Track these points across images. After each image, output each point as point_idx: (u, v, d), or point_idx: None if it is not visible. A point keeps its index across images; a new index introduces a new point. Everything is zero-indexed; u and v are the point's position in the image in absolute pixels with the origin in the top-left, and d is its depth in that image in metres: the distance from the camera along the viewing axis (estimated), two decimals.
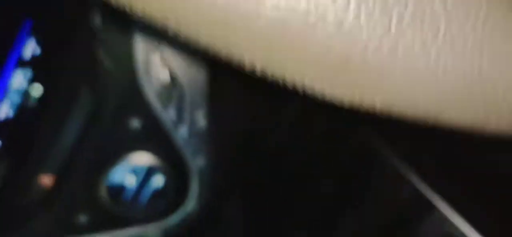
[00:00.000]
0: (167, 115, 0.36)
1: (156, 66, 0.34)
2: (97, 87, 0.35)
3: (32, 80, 0.33)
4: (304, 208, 0.50)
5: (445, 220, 0.37)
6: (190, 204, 0.42)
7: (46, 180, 0.37)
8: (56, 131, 0.36)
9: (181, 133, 0.37)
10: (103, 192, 0.39)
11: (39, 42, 0.32)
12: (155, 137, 0.38)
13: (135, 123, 0.36)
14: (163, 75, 0.35)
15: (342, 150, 0.47)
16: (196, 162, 0.40)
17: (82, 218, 0.40)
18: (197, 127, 0.38)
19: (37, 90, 0.34)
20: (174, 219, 0.42)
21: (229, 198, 0.50)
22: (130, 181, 0.39)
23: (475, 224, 0.36)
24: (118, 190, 0.39)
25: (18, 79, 0.32)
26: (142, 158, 0.38)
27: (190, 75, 0.36)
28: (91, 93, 0.35)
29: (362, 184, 0.47)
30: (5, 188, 0.37)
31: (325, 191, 0.49)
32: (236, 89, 0.39)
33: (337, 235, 0.48)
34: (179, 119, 0.37)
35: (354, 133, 0.46)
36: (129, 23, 0.32)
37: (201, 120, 0.38)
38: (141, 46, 0.34)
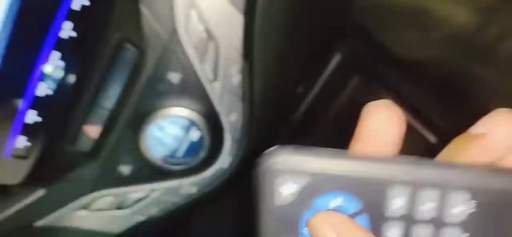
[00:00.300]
0: (203, 70, 0.38)
1: (194, 21, 0.36)
2: (139, 41, 0.37)
3: (78, 31, 0.35)
4: None
5: None
6: (223, 159, 0.44)
7: (93, 130, 0.40)
8: (101, 84, 0.39)
9: (216, 88, 0.39)
10: (143, 144, 0.41)
11: None
12: (192, 92, 0.40)
13: (174, 77, 0.39)
14: (200, 30, 0.37)
15: None
16: (230, 118, 0.41)
17: (125, 169, 0.43)
18: (231, 83, 0.40)
19: (82, 42, 0.36)
20: (208, 173, 0.44)
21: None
22: (168, 133, 0.41)
23: None
24: (157, 142, 0.42)
25: (67, 28, 0.35)
26: (180, 112, 0.40)
27: (225, 31, 0.37)
28: (134, 47, 0.37)
29: None
30: (56, 137, 0.40)
31: None
32: (269, 47, 0.40)
33: None
34: (214, 74, 0.39)
35: None
36: None
37: (235, 76, 0.40)
38: (180, 2, 0.36)
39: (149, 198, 0.44)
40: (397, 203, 0.22)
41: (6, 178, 0.41)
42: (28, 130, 0.39)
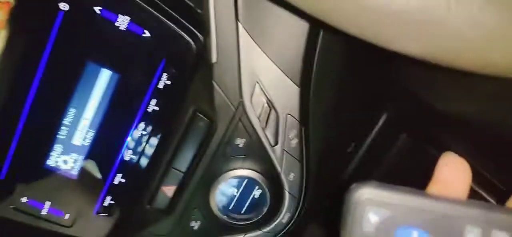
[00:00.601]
0: (265, 135, 0.43)
1: (257, 94, 0.42)
2: (211, 112, 0.43)
3: (160, 105, 0.42)
4: None
5: None
6: (283, 215, 0.48)
7: (168, 190, 0.46)
8: (176, 150, 0.44)
9: (277, 151, 0.44)
10: (212, 202, 0.46)
11: (169, 76, 0.41)
12: (256, 155, 0.45)
13: (240, 142, 0.44)
14: (263, 102, 0.42)
15: None
16: (289, 177, 0.46)
17: (195, 224, 0.48)
18: (289, 146, 0.44)
19: (163, 114, 0.43)
20: (269, 228, 0.48)
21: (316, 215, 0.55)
22: (234, 192, 0.46)
23: None
24: (224, 200, 0.47)
25: (152, 103, 0.41)
26: (245, 173, 0.45)
27: (284, 101, 0.43)
28: (206, 118, 0.43)
29: None
30: (137, 197, 0.46)
31: None
32: (322, 112, 0.45)
33: None
34: (275, 139, 0.44)
35: None
36: (238, 57, 0.40)
37: (293, 140, 0.44)
38: (245, 79, 0.41)
39: None
40: None
41: (93, 233, 0.47)
42: (113, 190, 0.45)
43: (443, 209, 0.24)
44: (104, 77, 0.40)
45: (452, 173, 0.26)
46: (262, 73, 0.41)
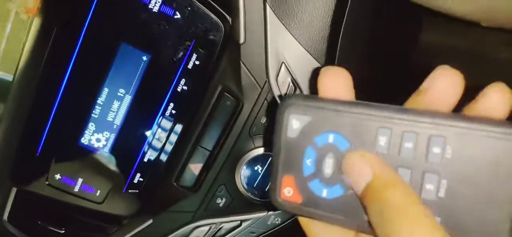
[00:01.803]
0: None
1: (283, 74, 0.43)
2: (237, 92, 0.44)
3: (189, 85, 0.43)
4: None
5: None
6: None
7: (195, 168, 0.47)
8: (203, 129, 0.46)
9: None
10: (237, 180, 0.48)
11: (198, 57, 0.42)
12: None
13: (264, 121, 0.45)
14: (288, 81, 0.43)
15: None
16: None
17: (220, 201, 0.49)
18: None
19: (191, 94, 0.44)
20: None
21: None
22: (259, 170, 0.48)
23: None
24: (249, 178, 0.48)
25: (181, 83, 0.43)
26: (269, 151, 0.47)
27: (309, 81, 0.44)
28: (233, 97, 0.44)
29: None
30: (165, 174, 0.48)
31: None
32: None
33: None
34: None
35: None
36: (266, 38, 0.42)
37: None
38: (272, 59, 0.43)
39: (241, 228, 0.50)
40: (381, 142, 0.25)
41: (123, 209, 0.49)
42: (143, 168, 0.47)
43: (358, 113, 0.26)
44: (137, 57, 0.41)
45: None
46: (287, 53, 0.43)
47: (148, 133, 0.45)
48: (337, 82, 0.28)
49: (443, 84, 0.25)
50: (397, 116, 0.25)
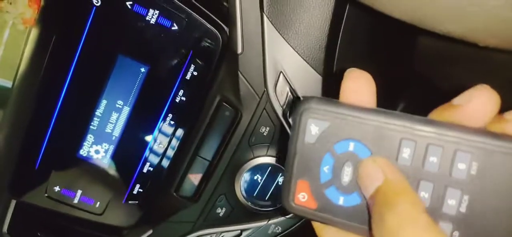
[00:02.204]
0: (289, 123, 0.45)
1: (281, 84, 0.43)
2: (236, 102, 0.44)
3: (187, 95, 0.43)
4: None
5: None
6: None
7: (195, 178, 0.47)
8: (202, 139, 0.46)
9: None
10: (237, 189, 0.48)
11: (196, 68, 0.42)
12: (279, 142, 0.46)
13: (264, 130, 0.45)
14: (286, 91, 0.43)
15: None
16: None
17: (220, 211, 0.49)
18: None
19: (189, 105, 0.44)
20: (293, 215, 0.50)
21: None
22: (258, 179, 0.48)
23: None
24: (248, 187, 0.48)
25: (179, 94, 0.43)
26: (268, 160, 0.47)
27: (307, 90, 0.44)
28: (231, 107, 0.44)
29: None
30: (164, 184, 0.48)
31: None
32: None
33: None
34: None
35: None
36: (263, 48, 0.42)
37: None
38: (270, 69, 0.42)
39: None
40: (404, 154, 0.24)
41: (122, 220, 0.49)
42: (142, 179, 0.47)
43: (381, 122, 0.25)
44: (135, 69, 0.41)
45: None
46: (286, 63, 0.42)
47: (147, 144, 0.45)
48: (361, 86, 0.27)
49: (480, 102, 0.25)
50: (422, 128, 0.24)
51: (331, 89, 0.44)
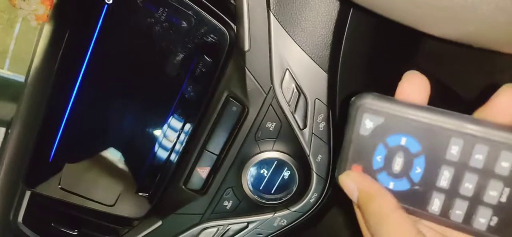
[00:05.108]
0: (295, 119, 0.46)
1: (287, 80, 0.44)
2: (243, 98, 0.45)
3: (195, 91, 0.44)
4: None
5: None
6: (311, 195, 0.50)
7: (203, 171, 0.49)
8: (210, 133, 0.47)
9: (305, 134, 0.46)
10: (244, 182, 0.49)
11: (204, 64, 0.43)
12: (285, 137, 0.47)
13: (270, 126, 0.46)
14: (292, 87, 0.44)
15: None
16: (317, 159, 0.48)
17: (227, 204, 0.51)
18: (317, 129, 0.47)
19: (198, 100, 0.45)
20: (297, 207, 0.51)
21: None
22: (265, 173, 0.49)
23: None
24: (255, 181, 0.49)
25: (188, 89, 0.44)
26: (275, 155, 0.48)
27: (312, 86, 0.45)
28: (238, 103, 0.45)
29: None
30: (173, 177, 0.49)
31: None
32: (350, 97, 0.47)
33: None
34: (304, 122, 0.46)
35: None
36: (270, 45, 0.43)
37: (321, 123, 0.47)
38: (276, 65, 0.44)
39: (248, 229, 0.52)
40: (453, 150, 0.26)
41: (133, 212, 0.50)
42: (152, 171, 0.48)
43: (432, 120, 0.27)
44: (145, 65, 0.43)
45: (411, 87, 0.28)
46: (292, 60, 0.43)
47: (157, 138, 0.46)
48: (416, 90, 0.28)
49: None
50: (471, 127, 0.26)
51: (335, 86, 0.45)
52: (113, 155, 0.46)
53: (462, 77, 0.62)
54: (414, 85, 0.28)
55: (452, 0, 0.24)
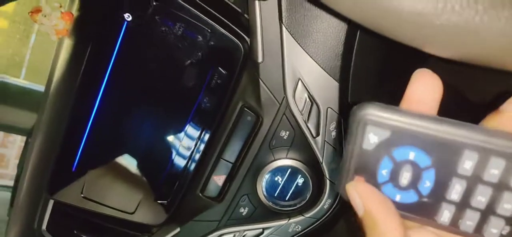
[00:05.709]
0: (308, 128, 0.47)
1: (300, 90, 0.46)
2: (257, 108, 0.47)
3: (211, 102, 0.46)
4: None
5: None
6: (324, 201, 0.51)
7: (219, 179, 0.50)
8: (225, 143, 0.49)
9: (318, 142, 0.48)
10: (259, 189, 0.50)
11: (219, 76, 0.45)
12: (299, 146, 0.48)
13: (284, 134, 0.48)
14: (305, 97, 0.46)
15: None
16: (330, 166, 0.49)
17: (243, 210, 0.52)
18: (330, 137, 0.48)
19: (213, 111, 0.47)
20: (311, 214, 0.52)
21: None
22: (279, 180, 0.50)
23: None
24: (270, 188, 0.51)
25: (204, 100, 0.46)
26: (289, 163, 0.49)
27: (325, 95, 0.46)
28: (253, 113, 0.47)
29: None
30: (190, 185, 0.51)
31: None
32: None
33: None
34: (316, 131, 0.47)
35: None
36: (282, 57, 0.44)
37: (334, 131, 0.48)
38: (289, 76, 0.45)
39: (263, 235, 0.53)
40: (466, 164, 0.24)
41: (152, 219, 0.52)
42: (170, 180, 0.50)
43: (443, 132, 0.24)
44: (163, 77, 0.44)
45: (423, 88, 0.26)
46: (304, 71, 0.45)
47: (174, 147, 0.48)
48: (427, 90, 0.26)
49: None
50: (485, 139, 0.24)
51: (347, 94, 0.46)
52: (133, 164, 0.48)
53: (472, 83, 0.62)
54: (426, 85, 0.26)
55: (457, 25, 0.24)
